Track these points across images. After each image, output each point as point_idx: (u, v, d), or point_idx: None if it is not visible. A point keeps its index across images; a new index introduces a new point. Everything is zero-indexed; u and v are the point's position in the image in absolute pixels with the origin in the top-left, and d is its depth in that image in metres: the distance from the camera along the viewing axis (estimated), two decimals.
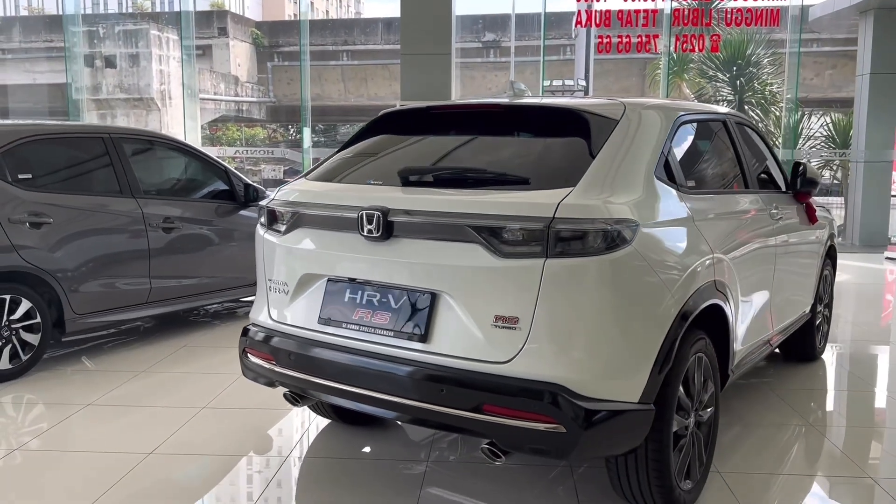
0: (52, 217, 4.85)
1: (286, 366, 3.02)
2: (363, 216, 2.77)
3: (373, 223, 2.75)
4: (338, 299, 2.91)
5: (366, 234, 2.78)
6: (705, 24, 11.67)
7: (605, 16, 11.30)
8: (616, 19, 11.26)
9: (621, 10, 11.20)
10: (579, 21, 11.24)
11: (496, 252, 2.56)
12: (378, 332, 2.79)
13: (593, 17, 11.25)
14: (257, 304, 3.29)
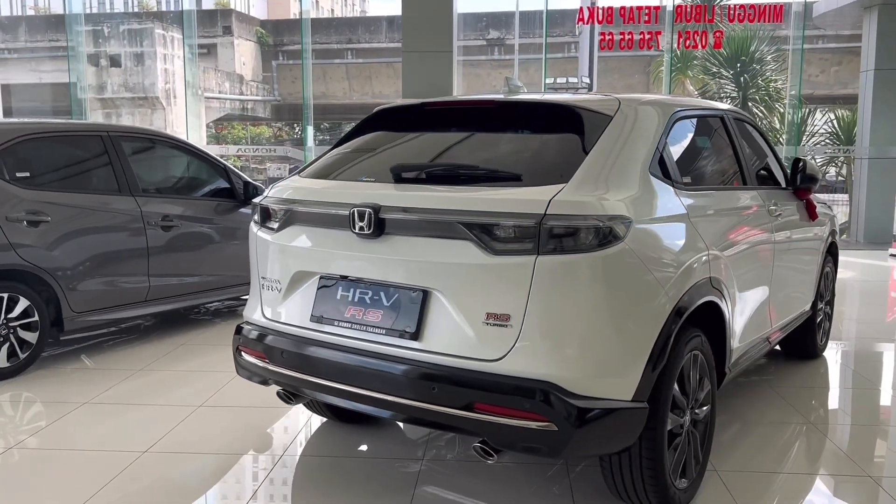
0: (51, 215, 4.85)
1: (279, 364, 3.00)
2: (354, 213, 2.76)
3: (364, 220, 2.73)
4: (330, 297, 2.90)
5: (357, 231, 2.76)
6: (708, 20, 11.62)
7: (608, 12, 11.27)
8: (618, 16, 11.22)
9: (623, 7, 11.17)
10: (581, 18, 11.21)
11: (487, 249, 2.54)
12: (370, 329, 2.77)
13: (595, 14, 11.22)
14: (251, 302, 3.28)
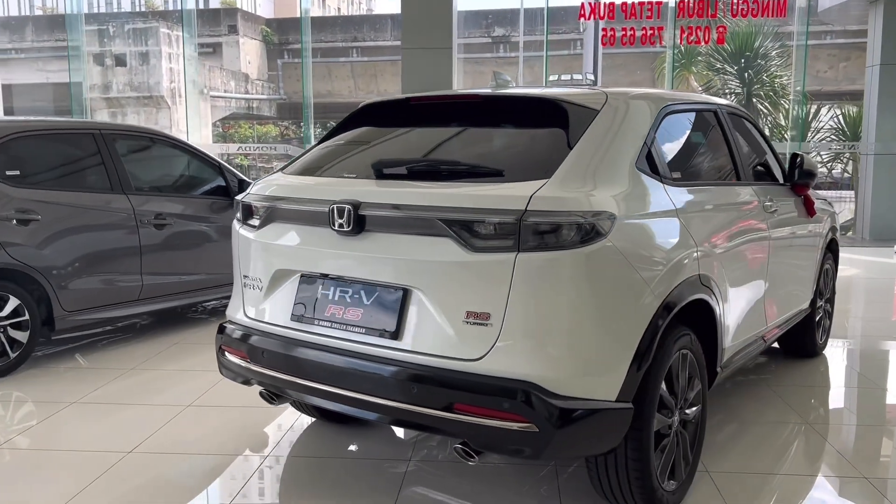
0: (41, 214, 4.82)
1: (260, 364, 2.96)
2: (334, 210, 2.71)
3: (344, 217, 2.68)
4: (310, 295, 2.85)
5: (337, 228, 2.71)
6: (711, 15, 11.50)
7: (610, 8, 11.18)
8: (620, 11, 11.13)
9: (625, 3, 11.06)
10: (583, 14, 11.13)
11: (467, 246, 2.49)
12: (350, 328, 2.72)
13: (597, 10, 11.13)
14: (233, 302, 3.24)
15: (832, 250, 5.11)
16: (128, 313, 5.44)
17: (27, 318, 4.73)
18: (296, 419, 3.93)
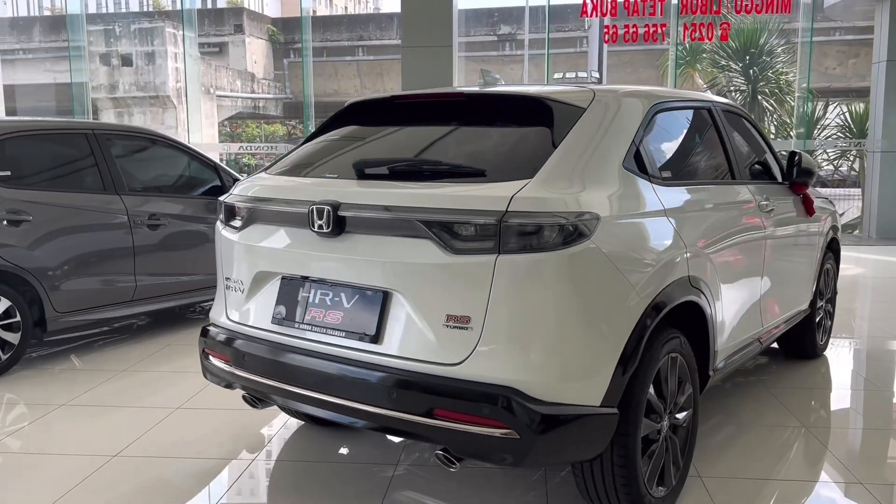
0: (32, 215, 4.79)
1: (240, 367, 2.91)
2: (314, 211, 2.65)
3: (323, 218, 2.63)
4: (291, 298, 2.80)
5: (316, 229, 2.66)
6: (714, 12, 11.39)
7: (612, 4, 11.08)
8: (623, 9, 11.03)
9: (628, 0, 10.96)
10: (585, 11, 11.04)
11: (447, 248, 2.43)
12: (330, 332, 2.67)
13: (599, 6, 11.03)
14: (216, 304, 3.19)
15: (833, 250, 5.03)
16: (122, 314, 5.41)
17: (18, 319, 4.71)
18: (284, 422, 3.89)
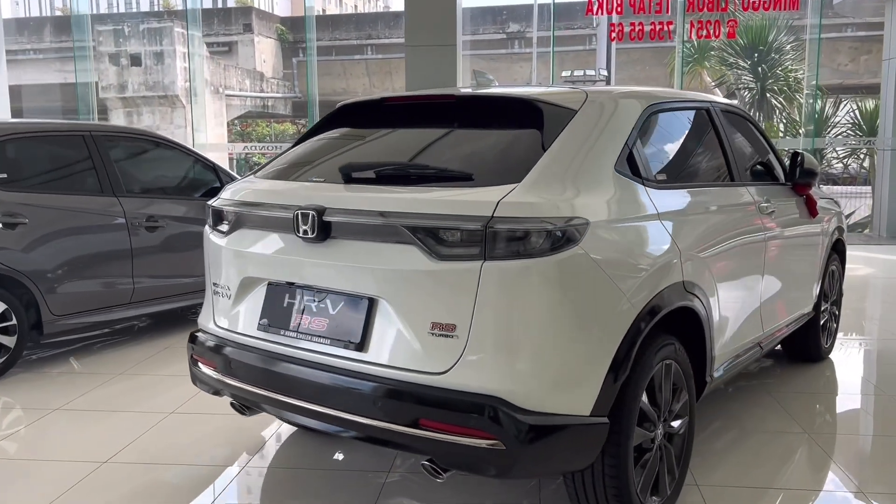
0: (28, 217, 4.77)
1: (226, 374, 2.87)
2: (298, 216, 2.61)
3: (308, 223, 2.58)
4: (277, 304, 2.75)
5: (301, 235, 2.61)
6: (721, 9, 11.25)
7: (618, 3, 10.97)
8: (629, 6, 10.92)
9: None
10: (590, 8, 10.94)
11: (433, 254, 2.38)
12: (315, 339, 2.62)
13: (605, 4, 10.93)
14: (204, 310, 3.15)
15: (838, 251, 4.94)
16: (119, 317, 5.38)
17: (14, 322, 4.69)
18: (278, 428, 3.84)
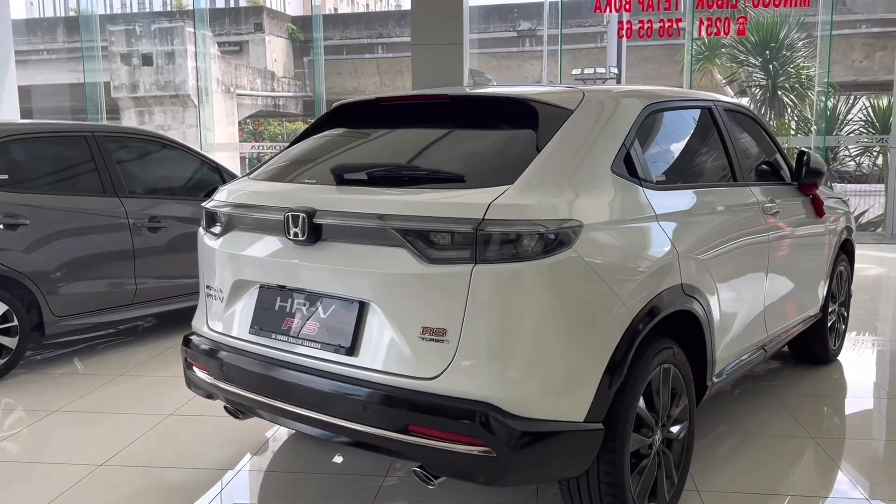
0: (29, 218, 4.76)
1: (219, 377, 2.85)
2: (289, 218, 2.57)
3: (298, 226, 2.55)
4: (268, 308, 2.72)
5: (292, 237, 2.58)
6: (731, 6, 11.14)
7: (627, 0, 10.87)
8: (637, 4, 10.83)
9: None
10: (598, 6, 10.86)
11: (423, 257, 2.34)
12: (306, 343, 2.59)
13: (613, 2, 10.83)
14: (198, 313, 3.13)
15: (847, 251, 4.86)
16: (122, 317, 5.37)
17: (16, 323, 4.68)
18: (274, 431, 3.81)
